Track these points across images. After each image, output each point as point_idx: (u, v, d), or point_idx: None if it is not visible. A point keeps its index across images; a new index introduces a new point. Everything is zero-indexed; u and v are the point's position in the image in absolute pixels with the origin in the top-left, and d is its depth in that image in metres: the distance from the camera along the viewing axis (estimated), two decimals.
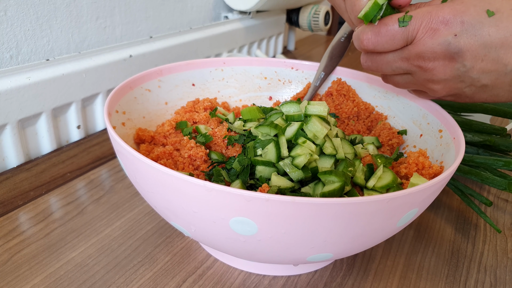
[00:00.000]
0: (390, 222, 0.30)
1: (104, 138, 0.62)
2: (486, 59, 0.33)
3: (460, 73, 0.35)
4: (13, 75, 0.51)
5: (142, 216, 0.45)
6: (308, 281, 0.39)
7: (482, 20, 0.32)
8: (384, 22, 0.36)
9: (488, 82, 0.35)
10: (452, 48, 0.34)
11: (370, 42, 0.36)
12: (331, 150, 0.38)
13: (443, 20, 0.33)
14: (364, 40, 0.36)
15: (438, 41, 0.34)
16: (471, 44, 0.33)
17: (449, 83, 0.36)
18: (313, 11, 1.04)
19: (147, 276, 0.38)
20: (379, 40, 0.36)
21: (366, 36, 0.36)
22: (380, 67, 0.39)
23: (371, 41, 0.36)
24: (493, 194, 0.54)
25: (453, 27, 0.33)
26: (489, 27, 0.32)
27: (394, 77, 0.40)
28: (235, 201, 0.27)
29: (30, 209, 0.46)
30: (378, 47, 0.36)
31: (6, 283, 0.36)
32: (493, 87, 0.35)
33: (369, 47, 0.37)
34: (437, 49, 0.34)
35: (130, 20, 0.70)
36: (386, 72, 0.39)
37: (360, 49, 0.38)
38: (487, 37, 0.32)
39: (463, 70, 0.35)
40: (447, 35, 0.33)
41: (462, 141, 0.36)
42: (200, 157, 0.40)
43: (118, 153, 0.34)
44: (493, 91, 0.36)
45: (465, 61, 0.34)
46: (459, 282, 0.40)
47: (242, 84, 0.56)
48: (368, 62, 0.39)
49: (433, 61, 0.35)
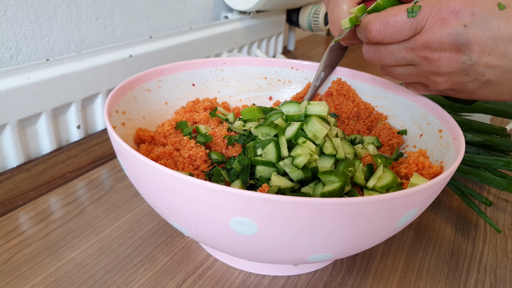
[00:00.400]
0: (390, 222, 0.30)
1: (104, 138, 0.62)
2: (493, 53, 0.33)
3: (465, 66, 0.34)
4: (13, 75, 0.51)
5: (142, 216, 0.45)
6: (308, 281, 0.39)
7: (493, 12, 0.32)
8: (393, 12, 0.35)
9: (492, 78, 0.34)
10: (461, 39, 0.33)
11: (378, 33, 0.36)
12: (331, 150, 0.38)
13: (454, 10, 0.33)
14: (372, 31, 0.36)
15: (446, 31, 0.33)
16: (480, 36, 0.32)
17: (453, 75, 0.36)
18: (313, 11, 1.04)
19: (147, 276, 0.38)
20: (387, 31, 0.35)
21: (375, 27, 0.36)
22: (383, 57, 0.38)
23: (380, 32, 0.36)
24: (493, 194, 0.54)
25: (463, 18, 0.32)
26: (499, 20, 0.32)
27: (396, 68, 0.39)
28: (235, 201, 0.27)
29: (30, 209, 0.46)
30: (386, 38, 0.36)
31: (6, 283, 0.36)
32: (497, 83, 0.35)
33: (377, 38, 0.36)
34: (445, 39, 0.33)
35: (130, 20, 0.70)
36: (388, 63, 0.39)
37: (367, 40, 0.38)
38: (496, 30, 0.32)
39: (469, 63, 0.34)
40: (457, 26, 0.33)
41: (462, 141, 0.36)
42: (200, 157, 0.40)
43: (118, 153, 0.34)
44: (496, 88, 0.35)
45: (472, 54, 0.33)
46: (459, 282, 0.40)
47: (242, 84, 0.56)
48: (371, 52, 0.39)
49: (439, 52, 0.35)
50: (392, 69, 0.40)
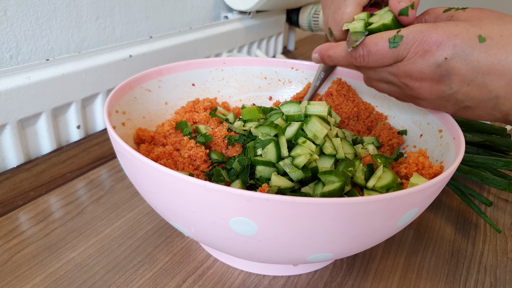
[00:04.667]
0: (390, 222, 0.30)
1: (104, 138, 0.62)
2: (472, 84, 0.34)
3: (445, 95, 0.36)
4: (13, 75, 0.51)
5: (142, 216, 0.45)
6: (308, 281, 0.39)
7: (473, 45, 0.33)
8: (375, 41, 0.36)
9: (471, 105, 0.36)
10: (442, 70, 0.34)
11: (362, 59, 0.38)
12: (331, 150, 0.38)
13: (436, 42, 0.34)
14: (357, 57, 0.38)
15: (428, 62, 0.34)
16: (460, 68, 0.33)
17: (433, 101, 0.37)
18: (313, 11, 1.04)
19: (147, 276, 0.38)
20: (370, 59, 0.37)
21: (359, 53, 0.37)
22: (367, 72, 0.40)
23: (364, 58, 0.37)
24: (493, 194, 0.54)
25: (445, 50, 0.33)
26: (479, 53, 0.33)
27: (380, 83, 0.41)
28: (235, 201, 0.27)
29: (30, 209, 0.46)
30: (369, 64, 0.38)
31: (6, 283, 0.36)
32: (476, 108, 0.36)
33: (361, 63, 0.38)
34: (426, 70, 0.35)
35: (130, 20, 0.70)
36: (372, 78, 0.40)
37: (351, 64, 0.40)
38: (476, 63, 0.33)
39: (449, 92, 0.35)
40: (438, 57, 0.34)
41: (462, 141, 0.36)
42: (200, 157, 0.40)
43: (118, 153, 0.34)
44: (475, 112, 0.37)
45: (452, 84, 0.35)
46: (459, 282, 0.40)
47: (242, 84, 0.56)
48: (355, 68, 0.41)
49: (420, 82, 0.36)
50: (377, 83, 0.41)
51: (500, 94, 0.34)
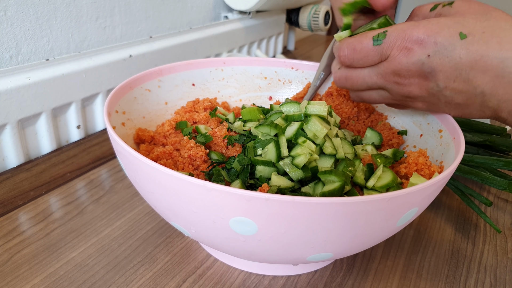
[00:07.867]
0: (390, 221, 0.30)
1: (104, 138, 0.62)
2: (457, 80, 0.34)
3: (434, 92, 0.36)
4: (13, 75, 0.51)
5: (142, 216, 0.45)
6: (308, 281, 0.39)
7: (455, 42, 0.33)
8: (359, 39, 0.37)
9: (461, 101, 0.36)
10: (426, 68, 0.34)
11: (346, 58, 0.38)
12: (331, 150, 0.38)
13: (417, 40, 0.34)
14: (341, 56, 0.38)
15: (412, 60, 0.34)
16: (444, 65, 0.34)
17: (426, 99, 0.37)
18: (313, 11, 1.04)
19: (147, 276, 0.38)
20: (355, 57, 0.37)
21: (343, 52, 0.38)
22: (355, 84, 0.40)
23: (348, 57, 0.38)
24: (493, 194, 0.54)
25: (426, 48, 0.34)
26: (460, 50, 0.33)
27: (371, 93, 0.41)
28: (235, 201, 0.27)
29: (30, 209, 0.46)
30: (354, 63, 0.38)
31: (6, 283, 0.36)
32: (466, 106, 0.36)
33: (346, 62, 0.38)
34: (412, 68, 0.35)
35: (130, 20, 0.70)
36: (362, 88, 0.40)
37: (339, 63, 0.40)
38: (458, 60, 0.33)
39: (436, 89, 0.35)
40: (421, 55, 0.34)
41: (462, 141, 0.37)
42: (200, 157, 0.40)
43: (118, 153, 0.34)
44: (466, 110, 0.37)
45: (438, 81, 0.35)
46: (459, 282, 0.40)
47: (242, 84, 0.56)
48: (342, 80, 0.41)
49: (409, 79, 0.36)
50: (367, 93, 0.41)
51: (486, 90, 0.34)
